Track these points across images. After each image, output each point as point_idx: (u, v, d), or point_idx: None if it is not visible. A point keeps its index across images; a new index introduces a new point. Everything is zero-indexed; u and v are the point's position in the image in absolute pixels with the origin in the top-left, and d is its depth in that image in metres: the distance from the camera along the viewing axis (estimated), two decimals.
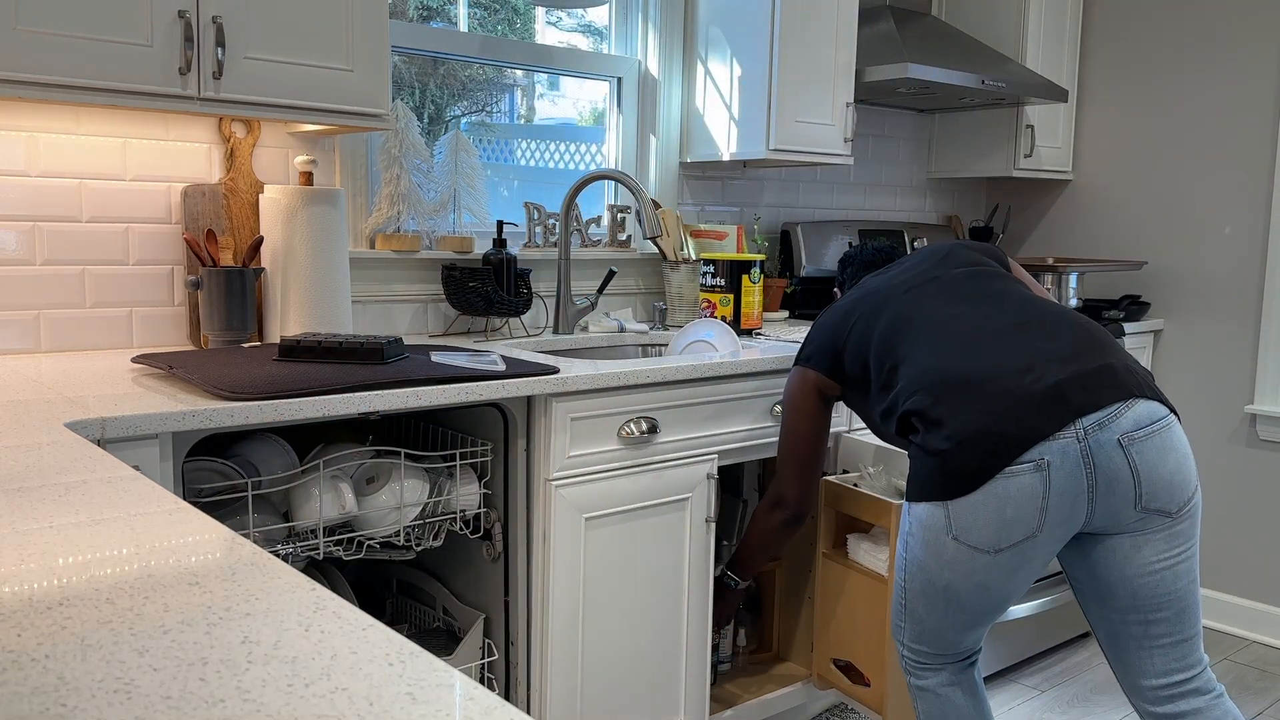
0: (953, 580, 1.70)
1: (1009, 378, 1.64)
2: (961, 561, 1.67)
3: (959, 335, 1.74)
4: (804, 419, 2.03)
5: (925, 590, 1.75)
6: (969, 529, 1.65)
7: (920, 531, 1.72)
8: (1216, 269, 3.32)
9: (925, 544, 1.72)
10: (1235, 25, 3.24)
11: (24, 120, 1.97)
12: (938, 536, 1.69)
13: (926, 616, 1.78)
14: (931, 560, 1.71)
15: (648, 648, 2.12)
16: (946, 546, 1.68)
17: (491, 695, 0.60)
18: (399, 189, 2.40)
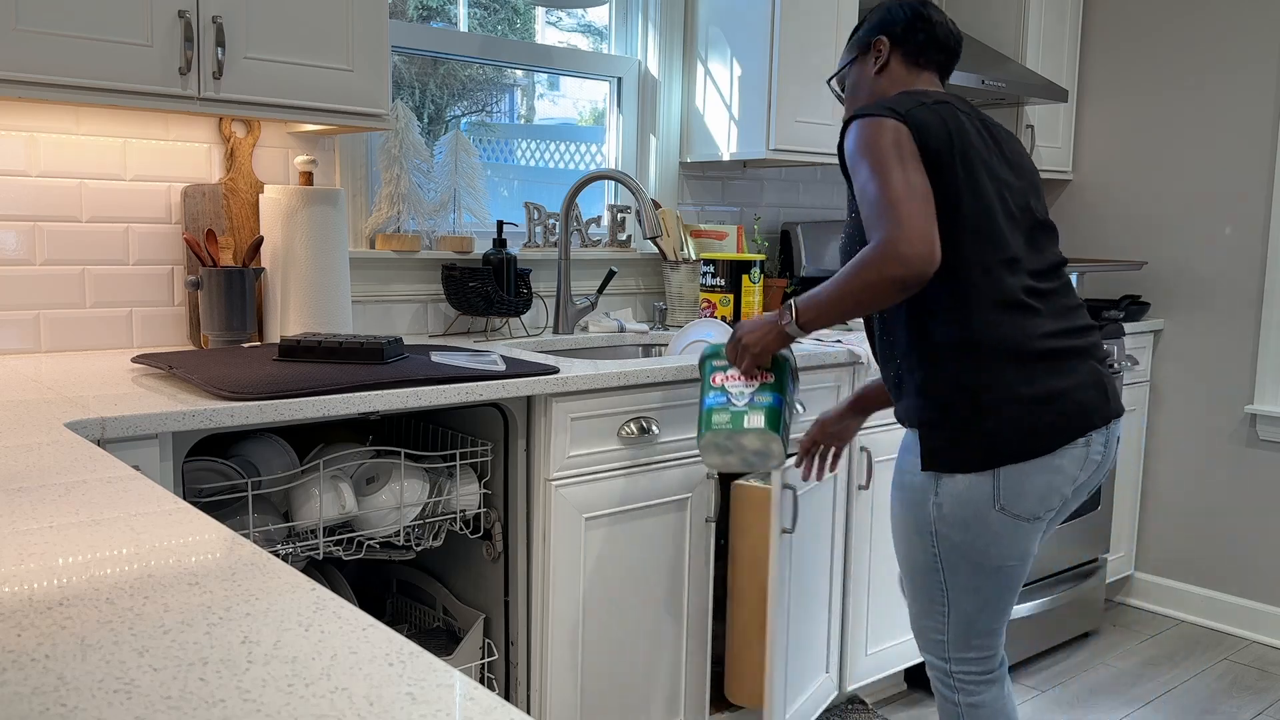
0: (1000, 554, 1.64)
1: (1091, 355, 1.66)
2: (1004, 533, 1.62)
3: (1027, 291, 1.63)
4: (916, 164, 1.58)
5: (975, 579, 1.66)
6: (1017, 497, 1.60)
7: (958, 510, 1.62)
8: (1216, 269, 3.32)
9: (966, 524, 1.62)
10: (1235, 25, 3.24)
11: (24, 120, 1.97)
12: (983, 510, 1.61)
13: (978, 612, 1.69)
14: (977, 540, 1.63)
15: (648, 648, 2.12)
16: (990, 519, 1.61)
17: (491, 695, 0.60)
18: (399, 189, 2.40)
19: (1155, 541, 3.51)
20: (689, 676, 2.20)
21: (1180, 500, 3.44)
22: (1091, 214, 3.63)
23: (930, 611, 1.72)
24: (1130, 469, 3.45)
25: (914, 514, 1.68)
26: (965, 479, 1.60)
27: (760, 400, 1.75)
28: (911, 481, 1.67)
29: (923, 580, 1.70)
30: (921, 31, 1.77)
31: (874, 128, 1.60)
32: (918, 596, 1.73)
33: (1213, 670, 3.05)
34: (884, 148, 1.58)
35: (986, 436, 1.58)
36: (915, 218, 1.52)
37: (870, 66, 1.80)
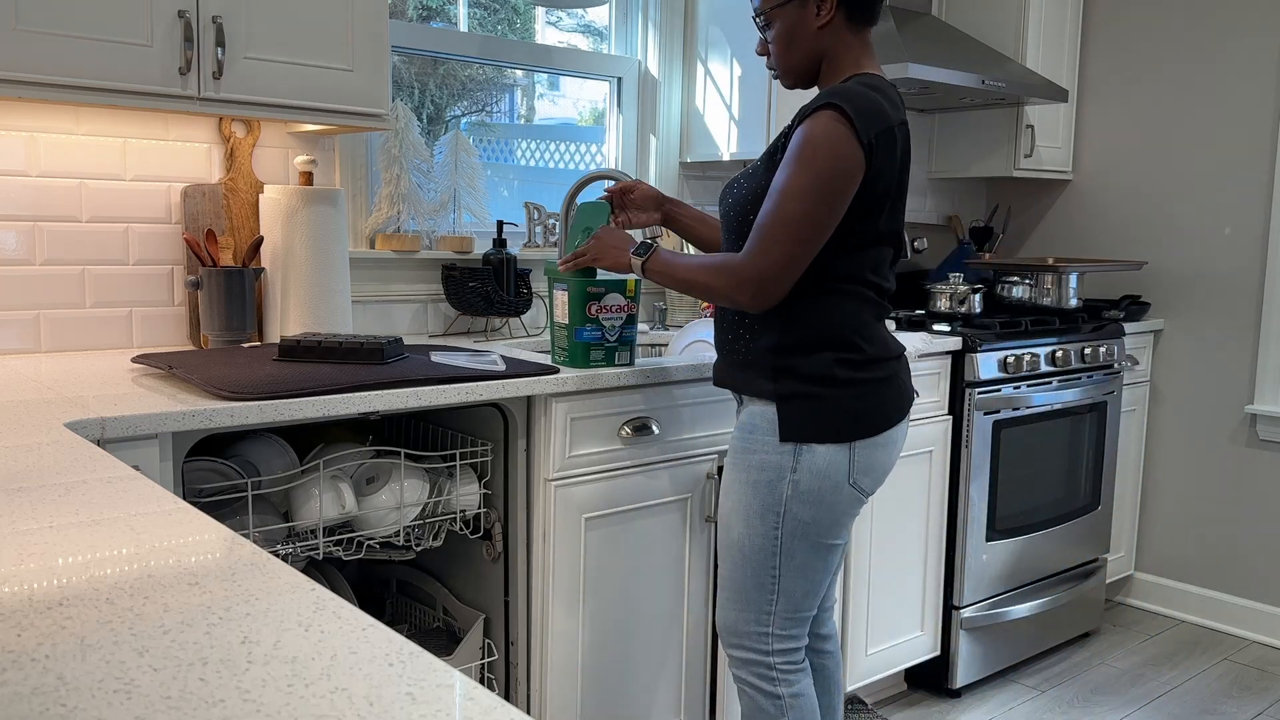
0: (836, 532, 1.69)
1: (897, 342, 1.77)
2: (848, 510, 1.69)
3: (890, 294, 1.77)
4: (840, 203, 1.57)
5: (808, 560, 1.68)
6: (867, 471, 1.67)
7: (816, 486, 1.64)
8: (1216, 269, 3.32)
9: (819, 500, 1.65)
10: (1235, 25, 3.24)
11: (24, 120, 1.97)
12: (836, 485, 1.65)
13: (804, 595, 1.70)
14: (823, 517, 1.66)
15: (647, 648, 2.12)
16: (841, 494, 1.66)
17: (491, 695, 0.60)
18: (399, 189, 2.40)
19: (1155, 541, 3.51)
20: (689, 676, 2.20)
21: (1180, 500, 3.44)
22: (1091, 214, 3.63)
23: (754, 601, 1.71)
24: (1130, 469, 3.45)
25: (763, 494, 1.67)
26: (825, 451, 1.64)
27: (627, 334, 1.99)
28: (764, 461, 1.67)
29: (755, 566, 1.70)
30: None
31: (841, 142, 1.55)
32: (743, 586, 1.71)
33: (1213, 670, 3.05)
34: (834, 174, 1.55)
35: (845, 409, 1.64)
36: (793, 267, 1.58)
37: (813, 18, 1.66)
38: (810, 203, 1.55)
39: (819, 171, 1.54)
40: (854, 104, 1.56)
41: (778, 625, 1.71)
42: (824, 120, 1.56)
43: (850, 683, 2.57)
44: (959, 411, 2.72)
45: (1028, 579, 2.97)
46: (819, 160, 1.55)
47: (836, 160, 1.54)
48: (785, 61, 1.72)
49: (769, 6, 1.70)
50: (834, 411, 1.64)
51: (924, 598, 2.72)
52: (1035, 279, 3.17)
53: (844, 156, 1.55)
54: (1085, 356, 3.02)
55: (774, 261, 1.56)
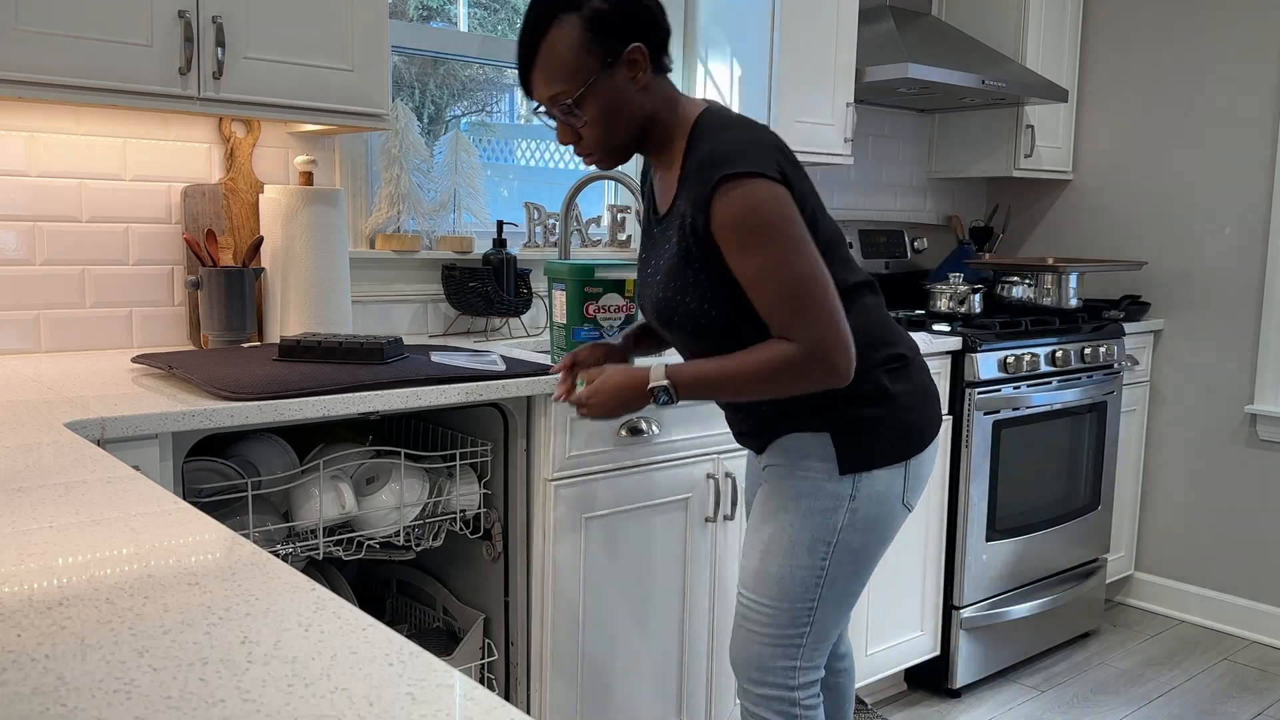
0: (880, 554, 1.62)
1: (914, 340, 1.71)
2: (895, 528, 1.62)
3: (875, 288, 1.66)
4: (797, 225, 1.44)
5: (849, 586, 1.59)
6: (916, 488, 1.61)
7: (873, 508, 1.55)
8: (1216, 269, 3.32)
9: (874, 525, 1.56)
10: (1235, 25, 3.24)
11: (24, 120, 1.97)
12: (892, 506, 1.57)
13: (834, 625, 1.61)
14: (874, 541, 1.58)
15: (648, 648, 2.12)
16: (895, 515, 1.59)
17: (491, 695, 0.60)
18: (399, 189, 2.40)
19: (1155, 541, 3.51)
20: (689, 676, 2.20)
21: (1180, 500, 3.44)
22: (1091, 214, 3.63)
23: (788, 636, 1.59)
24: (1130, 469, 3.45)
25: (815, 524, 1.56)
26: (884, 475, 1.56)
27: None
28: (818, 488, 1.55)
29: (793, 600, 1.58)
30: (666, 30, 1.51)
31: (771, 197, 1.41)
32: (777, 621, 1.59)
33: (1213, 670, 3.05)
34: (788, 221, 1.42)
35: (900, 428, 1.56)
36: (840, 320, 1.44)
37: (628, 83, 1.48)
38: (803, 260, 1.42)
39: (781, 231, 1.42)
40: (745, 153, 1.43)
41: (805, 657, 1.61)
42: (744, 191, 1.41)
43: None
44: (959, 411, 2.72)
45: (1028, 579, 2.97)
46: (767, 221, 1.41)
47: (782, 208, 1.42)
48: (611, 140, 1.51)
49: (576, 88, 1.47)
50: (893, 430, 1.55)
51: (924, 598, 2.72)
52: (1035, 279, 3.17)
53: (784, 200, 1.43)
54: (1085, 356, 3.02)
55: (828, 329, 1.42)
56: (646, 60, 1.48)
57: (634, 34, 1.46)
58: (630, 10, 1.45)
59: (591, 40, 1.44)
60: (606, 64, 1.46)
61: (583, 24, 1.44)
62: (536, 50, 1.48)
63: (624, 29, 1.45)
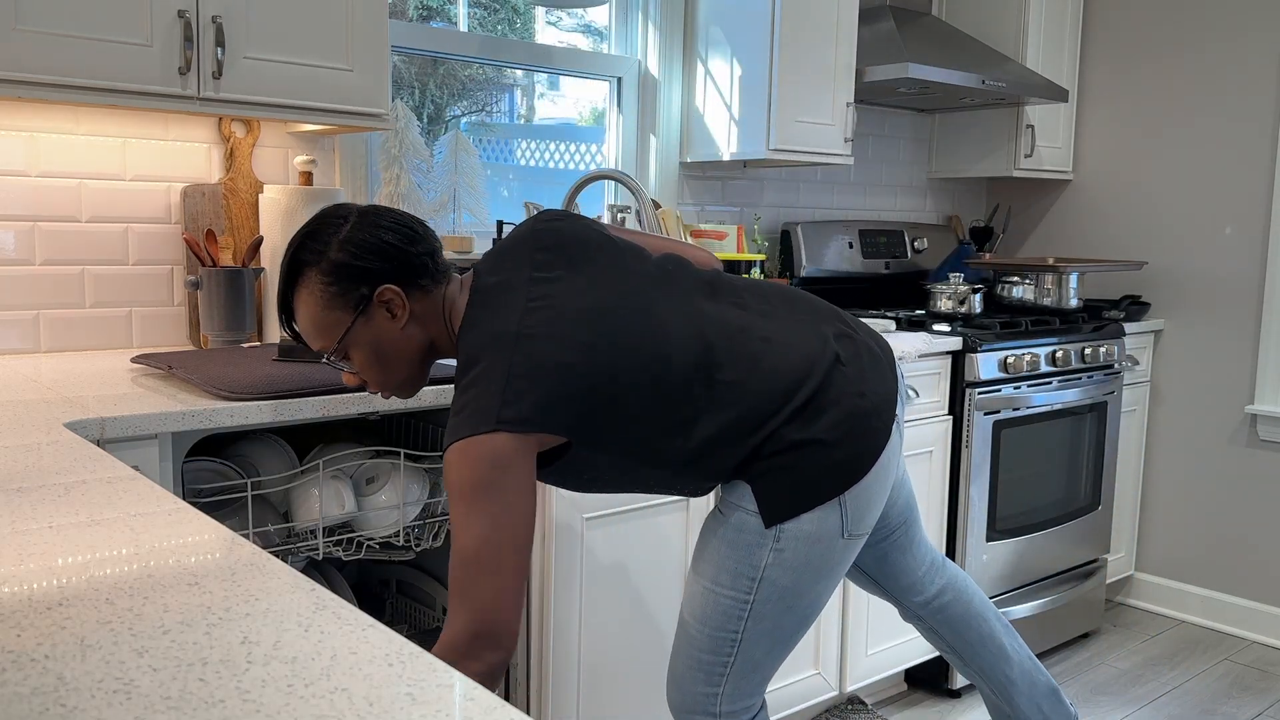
0: (822, 590, 1.51)
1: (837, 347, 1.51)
2: (843, 560, 1.51)
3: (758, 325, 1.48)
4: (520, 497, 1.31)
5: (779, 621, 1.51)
6: (862, 515, 1.48)
7: (802, 549, 1.46)
8: (1216, 269, 3.32)
9: (806, 565, 1.47)
10: (1235, 25, 3.24)
11: (24, 120, 1.97)
12: (829, 544, 1.47)
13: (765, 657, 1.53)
14: (808, 579, 1.49)
15: (648, 648, 2.12)
16: (835, 550, 1.48)
17: (491, 695, 0.60)
18: (399, 189, 2.40)
19: (1155, 541, 3.51)
20: None
21: (1180, 500, 3.44)
22: (1091, 214, 3.63)
23: (707, 664, 1.54)
24: (1130, 469, 3.45)
25: (739, 559, 1.49)
26: (813, 516, 1.45)
27: None
28: (743, 521, 1.47)
29: (714, 628, 1.52)
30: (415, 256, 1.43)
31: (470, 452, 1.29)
32: (699, 646, 1.54)
33: (1213, 670, 3.05)
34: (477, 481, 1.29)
35: (829, 469, 1.44)
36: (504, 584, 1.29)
37: (388, 322, 1.42)
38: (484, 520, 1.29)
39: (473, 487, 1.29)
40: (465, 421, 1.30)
41: (730, 686, 1.54)
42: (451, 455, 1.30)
43: (850, 683, 2.57)
44: (959, 412, 2.72)
45: (1028, 579, 2.97)
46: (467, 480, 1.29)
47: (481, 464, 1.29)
48: (392, 378, 1.46)
49: (335, 341, 1.41)
50: (816, 471, 1.44)
51: None
52: (1035, 279, 3.17)
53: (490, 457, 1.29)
54: (1085, 356, 3.02)
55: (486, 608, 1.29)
56: (402, 298, 1.41)
57: (380, 276, 1.40)
58: (371, 253, 1.39)
59: (335, 293, 1.39)
60: (360, 311, 1.40)
61: (323, 279, 1.39)
62: (292, 310, 1.43)
63: (368, 275, 1.39)
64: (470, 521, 1.28)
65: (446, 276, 1.49)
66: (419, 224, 1.47)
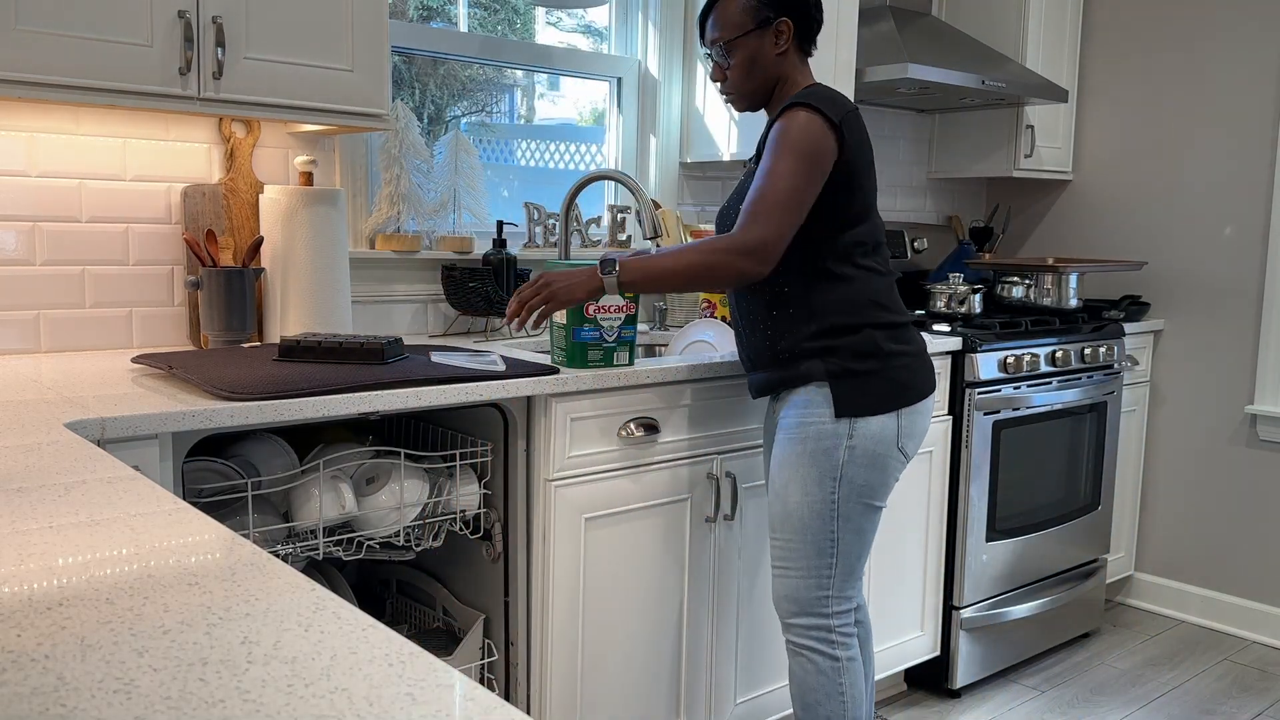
0: (884, 494, 1.85)
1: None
2: (894, 472, 1.85)
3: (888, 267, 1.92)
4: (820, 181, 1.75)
5: (862, 520, 1.83)
6: (910, 436, 1.84)
7: (871, 450, 1.80)
8: (1216, 269, 3.32)
9: (872, 463, 1.81)
10: (1235, 26, 3.24)
11: (24, 120, 1.97)
12: (888, 449, 1.82)
13: (858, 557, 1.85)
14: (876, 479, 1.82)
15: (648, 648, 2.12)
16: (891, 458, 1.82)
17: (491, 695, 0.60)
18: (399, 189, 2.40)
19: (1155, 541, 3.51)
20: (689, 676, 2.20)
21: (1180, 500, 3.44)
22: (1091, 214, 3.63)
23: (815, 567, 1.83)
24: (1130, 469, 3.45)
25: (820, 462, 1.80)
26: (878, 420, 1.80)
27: (626, 335, 1.98)
28: (821, 430, 1.80)
29: (814, 532, 1.82)
30: (815, 20, 1.89)
31: (816, 129, 1.74)
32: (804, 552, 1.83)
33: (1213, 670, 3.05)
34: (814, 155, 1.73)
35: (891, 383, 1.81)
36: (786, 235, 1.72)
37: (771, 46, 1.86)
38: (794, 178, 1.71)
39: (798, 152, 1.72)
40: (817, 97, 1.77)
41: (836, 587, 1.83)
42: (794, 114, 1.75)
43: None
44: (959, 412, 2.72)
45: (1028, 579, 2.97)
46: (795, 143, 1.73)
47: (811, 141, 1.73)
48: (744, 86, 1.89)
49: (731, 36, 1.86)
50: (884, 384, 1.80)
51: (924, 598, 2.72)
52: (1035, 279, 3.17)
53: (817, 136, 1.73)
54: (1085, 357, 3.02)
55: (770, 228, 1.70)
56: (790, 34, 1.85)
57: (786, 12, 1.84)
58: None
59: (755, 6, 1.84)
60: (760, 26, 1.84)
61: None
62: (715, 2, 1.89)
63: (780, 6, 1.84)
64: (789, 173, 1.71)
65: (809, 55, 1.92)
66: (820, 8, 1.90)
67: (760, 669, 2.34)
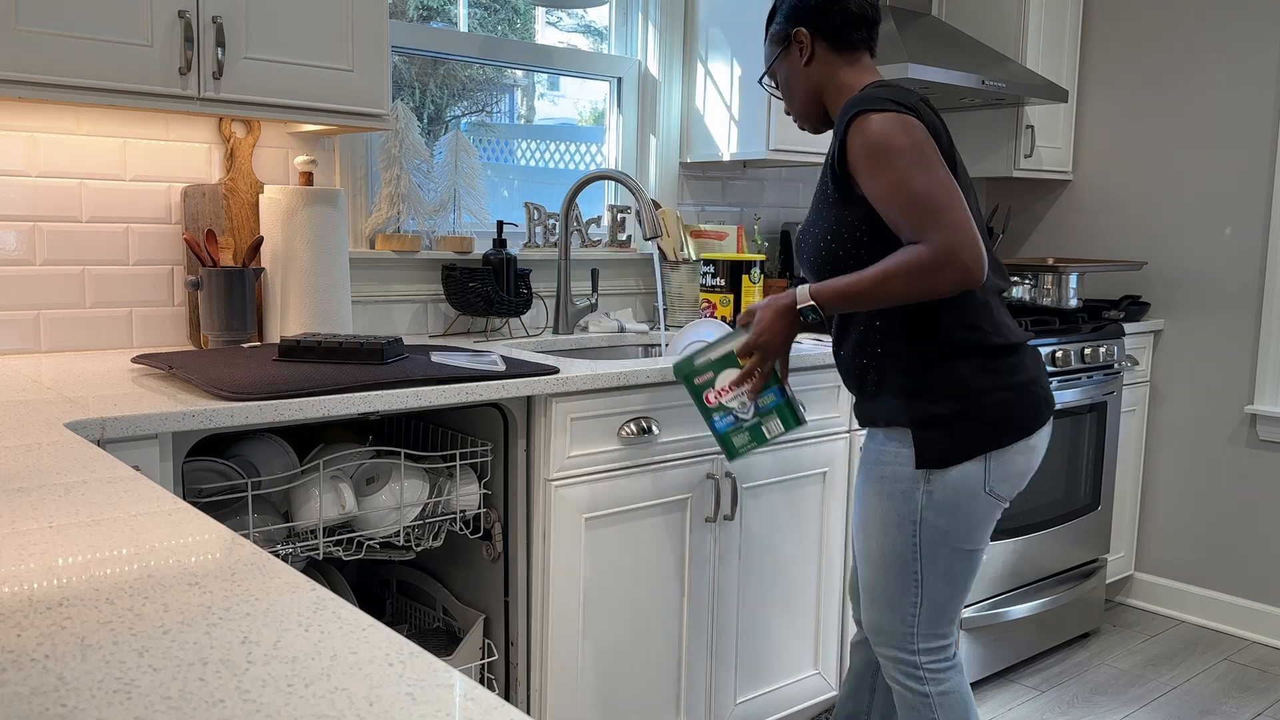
0: (976, 539, 1.71)
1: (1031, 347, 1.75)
2: (987, 516, 1.70)
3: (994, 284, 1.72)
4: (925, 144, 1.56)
5: (951, 564, 1.70)
6: (1004, 479, 1.68)
7: (952, 497, 1.66)
8: (1216, 269, 3.32)
9: (956, 509, 1.66)
10: (1235, 25, 3.24)
11: (24, 120, 1.97)
12: (973, 495, 1.66)
13: (949, 599, 1.73)
14: (961, 524, 1.68)
15: (648, 648, 2.12)
16: (978, 502, 1.67)
17: (491, 695, 0.60)
18: (399, 189, 2.40)
19: (1155, 541, 3.51)
20: (689, 676, 2.20)
21: (1180, 500, 3.44)
22: (1091, 214, 3.63)
23: (899, 604, 1.73)
24: (1130, 469, 3.45)
25: (898, 505, 1.69)
26: (959, 468, 1.65)
27: (765, 404, 1.75)
28: (896, 473, 1.69)
29: (896, 572, 1.72)
30: (836, 13, 1.74)
31: (898, 123, 1.56)
32: (886, 589, 1.74)
33: (1213, 670, 3.05)
34: (918, 144, 1.55)
35: (982, 424, 1.64)
36: (969, 224, 1.52)
37: (797, 60, 1.77)
38: (929, 171, 1.54)
39: (907, 150, 1.54)
40: (876, 99, 1.60)
41: (922, 626, 1.74)
42: (865, 122, 1.58)
43: None
44: None
45: (1028, 579, 2.97)
46: (897, 146, 1.55)
47: (908, 131, 1.56)
48: (795, 108, 1.83)
49: (766, 67, 1.84)
50: (973, 427, 1.64)
51: None
52: (1035, 279, 3.17)
53: (911, 125, 1.56)
54: (1085, 357, 3.02)
55: (952, 230, 1.51)
56: (809, 42, 1.76)
57: (799, 21, 1.76)
58: (800, 1, 1.76)
59: (777, 29, 1.80)
60: (784, 46, 1.79)
61: (776, 17, 1.81)
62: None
63: (793, 18, 1.77)
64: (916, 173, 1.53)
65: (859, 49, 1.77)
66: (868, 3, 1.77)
67: (760, 669, 2.34)
